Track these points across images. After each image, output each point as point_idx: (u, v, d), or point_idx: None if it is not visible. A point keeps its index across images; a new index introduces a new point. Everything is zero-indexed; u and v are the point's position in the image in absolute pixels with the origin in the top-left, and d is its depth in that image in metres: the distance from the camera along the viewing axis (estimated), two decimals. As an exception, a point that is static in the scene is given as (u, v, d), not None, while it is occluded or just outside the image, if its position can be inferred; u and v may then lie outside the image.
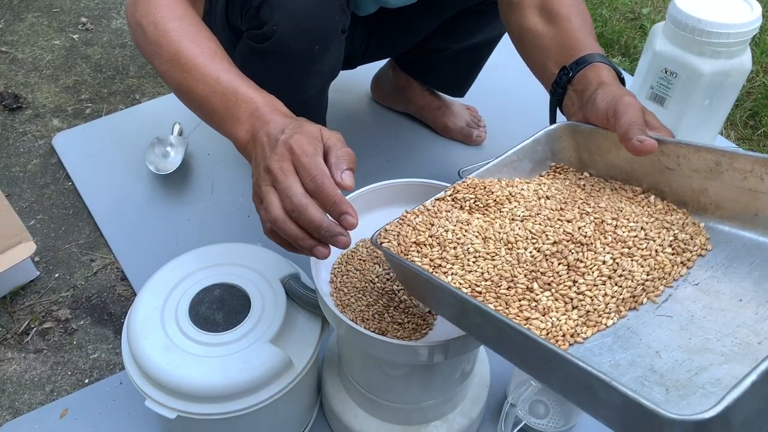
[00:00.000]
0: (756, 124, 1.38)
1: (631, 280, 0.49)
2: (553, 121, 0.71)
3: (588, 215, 0.55)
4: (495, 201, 0.59)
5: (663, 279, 0.49)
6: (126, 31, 1.63)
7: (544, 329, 0.48)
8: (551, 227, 0.55)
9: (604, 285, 0.49)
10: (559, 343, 0.47)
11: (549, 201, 0.59)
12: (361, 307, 0.64)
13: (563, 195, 0.59)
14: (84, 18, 1.67)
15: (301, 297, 0.73)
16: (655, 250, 0.51)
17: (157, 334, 0.69)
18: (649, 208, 0.56)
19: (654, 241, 0.51)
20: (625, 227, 0.53)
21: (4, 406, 0.88)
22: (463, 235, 0.56)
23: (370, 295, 0.65)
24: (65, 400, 0.87)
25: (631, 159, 0.58)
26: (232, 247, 0.79)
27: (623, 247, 0.51)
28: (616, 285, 0.49)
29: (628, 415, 0.37)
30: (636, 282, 0.49)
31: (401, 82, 1.28)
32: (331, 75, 0.90)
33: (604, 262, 0.50)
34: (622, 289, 0.49)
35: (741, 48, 1.12)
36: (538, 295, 0.50)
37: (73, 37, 1.61)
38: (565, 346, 0.47)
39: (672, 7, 1.14)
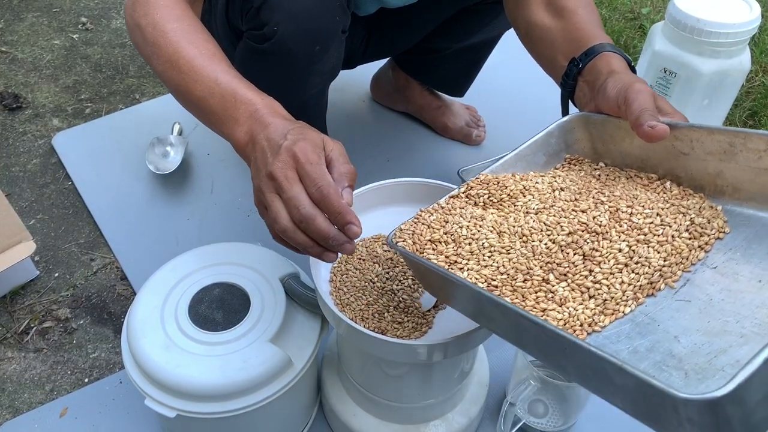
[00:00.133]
0: (755, 124, 1.38)
1: (648, 267, 0.49)
2: (565, 113, 0.71)
3: (603, 204, 0.55)
4: (509, 195, 0.59)
5: (680, 264, 0.49)
6: (126, 31, 1.63)
7: (562, 319, 0.47)
8: (566, 218, 0.54)
9: (621, 273, 0.49)
10: (576, 332, 0.46)
11: (563, 192, 0.58)
12: (361, 306, 0.64)
13: (578, 186, 0.59)
14: (84, 18, 1.67)
15: (300, 296, 0.73)
16: (672, 236, 0.50)
17: (157, 333, 0.69)
18: (664, 194, 0.55)
19: (670, 226, 0.51)
20: (641, 214, 0.52)
21: (4, 406, 0.88)
22: (478, 231, 0.56)
23: (370, 294, 0.65)
24: (65, 399, 0.88)
25: (646, 146, 0.58)
26: (231, 247, 0.79)
27: (639, 234, 0.51)
28: (633, 272, 0.49)
29: (642, 398, 0.37)
30: (653, 268, 0.49)
31: (401, 82, 1.28)
32: (331, 75, 0.90)
33: (620, 250, 0.50)
34: (639, 276, 0.49)
35: (740, 48, 1.13)
36: (554, 286, 0.50)
37: (73, 36, 1.61)
38: (583, 335, 0.46)
39: (671, 6, 1.14)
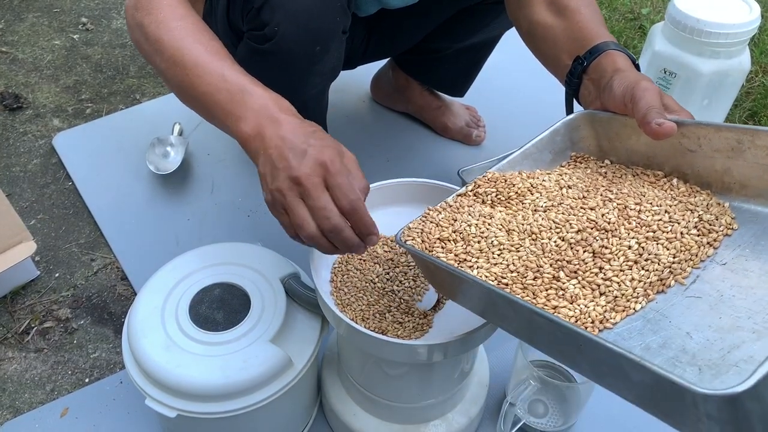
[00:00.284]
0: (755, 124, 1.38)
1: (658, 264, 0.49)
2: (569, 112, 0.71)
3: (611, 202, 0.55)
4: (517, 193, 0.60)
5: (690, 261, 0.49)
6: (126, 32, 1.63)
7: (573, 316, 0.47)
8: (574, 216, 0.55)
9: (631, 270, 0.49)
10: (588, 329, 0.47)
11: (571, 190, 0.59)
12: (362, 307, 0.64)
13: (585, 183, 0.59)
14: (84, 18, 1.67)
15: (300, 296, 0.73)
16: (681, 233, 0.50)
17: (158, 333, 0.69)
18: (672, 191, 0.56)
19: (678, 223, 0.51)
20: (649, 211, 0.53)
21: (5, 406, 0.88)
22: (487, 229, 0.56)
23: (371, 294, 0.65)
24: (65, 399, 0.88)
25: (652, 143, 0.58)
26: (232, 247, 0.79)
27: (648, 231, 0.51)
28: (643, 269, 0.49)
29: (660, 394, 0.37)
30: (663, 265, 0.49)
31: (401, 82, 1.28)
32: (331, 75, 0.90)
33: (630, 247, 0.50)
34: (649, 273, 0.49)
35: (740, 48, 1.13)
36: (564, 283, 0.50)
37: (74, 37, 1.61)
38: (595, 332, 0.46)
39: (671, 7, 1.14)
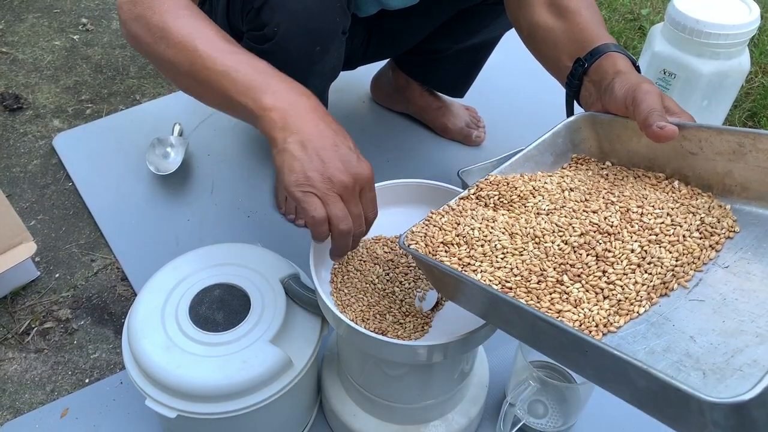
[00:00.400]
0: (755, 125, 1.38)
1: (661, 267, 0.49)
2: (569, 114, 0.71)
3: (613, 205, 0.55)
4: (519, 196, 0.60)
5: (692, 264, 0.49)
6: (126, 32, 1.63)
7: (577, 320, 0.48)
8: (577, 219, 0.55)
9: (634, 273, 0.49)
10: (592, 333, 0.47)
11: (573, 193, 0.59)
12: (362, 307, 0.64)
13: (587, 186, 0.60)
14: (84, 19, 1.67)
15: (300, 297, 0.73)
16: (683, 236, 0.51)
17: (158, 333, 0.69)
18: (673, 193, 0.56)
19: (681, 226, 0.51)
20: (651, 214, 0.53)
21: (5, 406, 0.88)
22: (490, 232, 0.56)
23: (371, 295, 0.65)
24: (66, 399, 0.88)
25: (653, 146, 0.58)
26: (232, 248, 0.79)
27: (650, 235, 0.51)
28: (646, 272, 0.49)
29: (665, 400, 0.37)
30: (665, 268, 0.49)
31: (401, 83, 1.28)
32: (331, 76, 0.90)
33: (633, 251, 0.50)
34: (652, 276, 0.49)
35: (739, 49, 1.13)
36: (568, 287, 0.50)
37: (74, 37, 1.62)
38: (599, 336, 0.47)
39: (671, 8, 1.14)
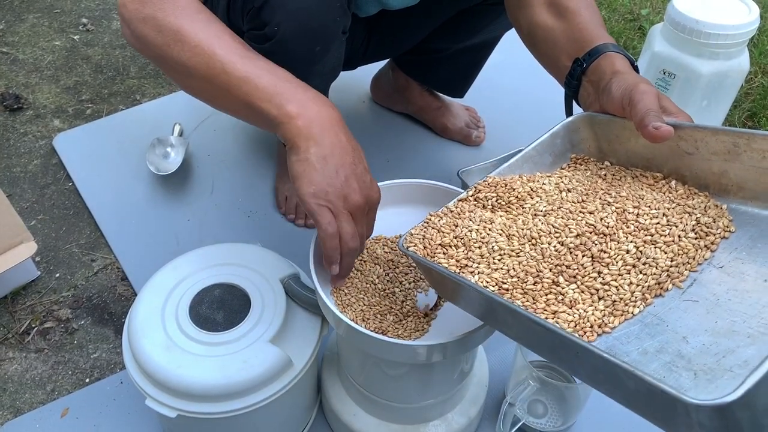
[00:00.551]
0: (754, 125, 1.38)
1: (656, 267, 0.49)
2: (569, 114, 0.71)
3: (610, 205, 0.55)
4: (517, 198, 0.60)
5: (687, 264, 0.49)
6: (126, 32, 1.63)
7: (572, 321, 0.48)
8: (573, 220, 0.55)
9: (629, 274, 0.49)
10: (587, 334, 0.47)
11: (570, 194, 0.59)
12: (362, 307, 0.64)
13: (584, 186, 0.60)
14: (85, 19, 1.67)
15: (300, 297, 0.73)
16: (678, 236, 0.51)
17: (158, 333, 0.69)
18: (670, 193, 0.56)
19: (676, 226, 0.51)
20: (647, 215, 0.53)
21: (6, 406, 0.88)
22: (487, 234, 0.57)
23: (372, 295, 0.65)
24: (66, 399, 0.88)
25: (651, 146, 0.58)
26: (232, 247, 0.79)
27: (646, 235, 0.51)
28: (641, 273, 0.49)
29: (654, 402, 0.38)
30: (660, 269, 0.49)
31: (401, 83, 1.28)
32: (331, 76, 0.90)
33: (628, 252, 0.51)
34: (647, 277, 0.49)
35: (739, 49, 1.13)
36: (564, 288, 0.50)
37: (74, 37, 1.62)
38: (593, 337, 0.47)
39: (670, 8, 1.14)
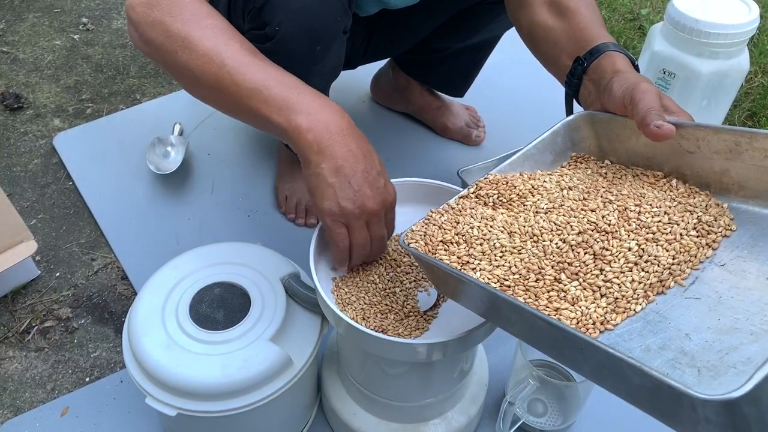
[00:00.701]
0: (754, 125, 1.38)
1: (658, 265, 0.49)
2: (569, 113, 0.71)
3: (611, 203, 0.55)
4: (518, 195, 0.60)
5: (689, 262, 0.50)
6: (127, 32, 1.63)
7: (574, 318, 0.48)
8: (575, 218, 0.55)
9: (631, 271, 0.50)
10: (589, 331, 0.47)
11: (572, 191, 0.59)
12: (362, 306, 0.64)
13: (585, 185, 0.60)
14: (85, 18, 1.67)
15: (300, 296, 0.73)
16: (680, 234, 0.51)
17: (158, 332, 0.69)
18: (671, 192, 0.56)
19: (678, 224, 0.52)
20: (649, 213, 0.53)
21: (6, 405, 0.88)
22: (489, 231, 0.57)
23: (373, 294, 0.65)
24: (66, 398, 0.88)
25: (652, 144, 0.58)
26: (232, 247, 0.79)
27: (648, 233, 0.51)
28: (643, 271, 0.49)
29: (659, 397, 0.38)
30: (662, 266, 0.49)
31: (401, 82, 1.28)
32: (332, 75, 0.90)
33: (630, 249, 0.51)
34: (648, 275, 0.49)
35: (739, 48, 1.13)
36: (566, 285, 0.50)
37: (74, 37, 1.62)
38: (596, 333, 0.47)
39: (670, 7, 1.14)
